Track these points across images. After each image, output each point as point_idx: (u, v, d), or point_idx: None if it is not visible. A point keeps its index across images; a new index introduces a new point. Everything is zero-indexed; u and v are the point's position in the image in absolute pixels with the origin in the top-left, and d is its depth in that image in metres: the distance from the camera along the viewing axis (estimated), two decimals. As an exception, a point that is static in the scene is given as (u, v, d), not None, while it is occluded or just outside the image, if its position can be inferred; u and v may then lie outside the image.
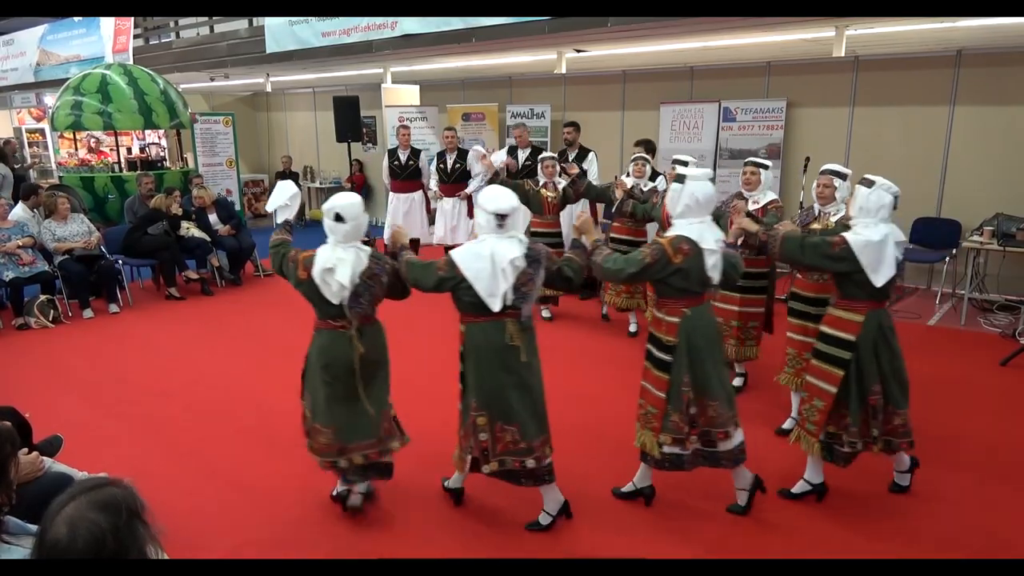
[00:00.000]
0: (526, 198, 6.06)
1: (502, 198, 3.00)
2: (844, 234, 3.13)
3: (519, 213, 3.03)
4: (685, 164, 5.11)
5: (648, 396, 3.16)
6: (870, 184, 3.17)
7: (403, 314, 3.75)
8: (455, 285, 3.00)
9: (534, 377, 3.10)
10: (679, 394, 3.06)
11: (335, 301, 3.09)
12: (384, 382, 3.29)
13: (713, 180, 3.14)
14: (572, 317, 6.40)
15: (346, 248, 3.14)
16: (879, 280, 3.09)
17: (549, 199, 6.04)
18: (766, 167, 4.42)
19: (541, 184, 6.10)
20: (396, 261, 3.28)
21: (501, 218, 2.97)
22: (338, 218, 3.12)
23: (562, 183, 6.09)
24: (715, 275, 3.02)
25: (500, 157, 7.07)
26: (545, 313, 6.39)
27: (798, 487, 3.41)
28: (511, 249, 2.95)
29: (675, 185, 3.11)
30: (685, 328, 3.04)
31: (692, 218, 3.04)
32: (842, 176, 4.02)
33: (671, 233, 3.06)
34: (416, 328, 5.57)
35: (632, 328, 5.96)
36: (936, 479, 3.57)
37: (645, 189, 5.80)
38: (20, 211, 7.12)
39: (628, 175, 5.92)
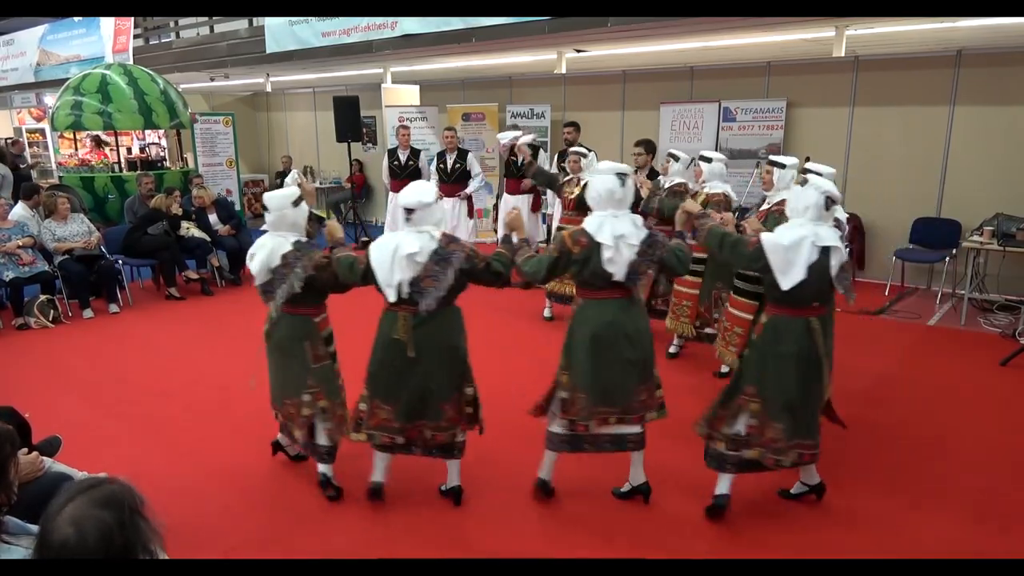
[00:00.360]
0: (559, 192, 6.11)
1: (411, 192, 3.09)
2: (763, 233, 3.06)
3: (433, 209, 3.09)
4: (678, 159, 5.23)
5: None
6: (806, 181, 3.07)
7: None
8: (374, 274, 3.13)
9: (419, 368, 3.15)
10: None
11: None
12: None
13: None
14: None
15: (273, 236, 3.32)
16: (784, 283, 2.91)
17: (567, 195, 5.99)
18: (782, 166, 4.22)
19: (564, 179, 6.09)
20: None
21: (408, 212, 3.08)
22: (264, 208, 3.36)
23: (585, 179, 5.86)
24: (612, 269, 3.01)
25: (507, 136, 6.85)
26: (546, 312, 6.39)
27: (796, 488, 3.41)
28: (414, 243, 3.02)
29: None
30: (575, 319, 3.18)
31: (601, 211, 3.09)
32: (780, 166, 4.16)
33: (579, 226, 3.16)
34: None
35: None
36: (936, 479, 3.57)
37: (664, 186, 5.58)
38: (20, 210, 7.11)
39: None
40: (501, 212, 7.93)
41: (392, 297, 3.08)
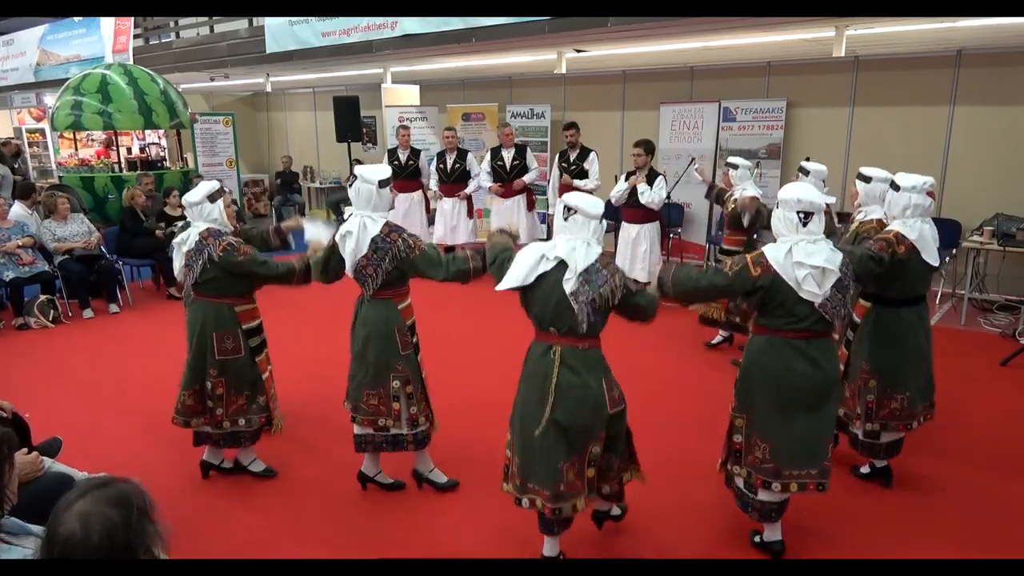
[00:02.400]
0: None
1: (366, 173, 3.23)
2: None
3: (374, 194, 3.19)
4: (736, 167, 5.19)
5: None
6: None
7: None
8: None
9: (371, 352, 3.27)
10: None
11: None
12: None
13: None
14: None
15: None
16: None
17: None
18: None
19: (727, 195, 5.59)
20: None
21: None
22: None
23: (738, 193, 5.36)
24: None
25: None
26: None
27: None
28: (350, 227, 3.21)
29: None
30: None
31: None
32: (734, 167, 4.59)
33: None
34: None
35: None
36: (937, 479, 3.57)
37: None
38: (18, 209, 7.11)
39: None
40: (494, 217, 7.95)
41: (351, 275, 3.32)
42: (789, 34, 5.97)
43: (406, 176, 8.03)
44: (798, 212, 2.69)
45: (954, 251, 6.70)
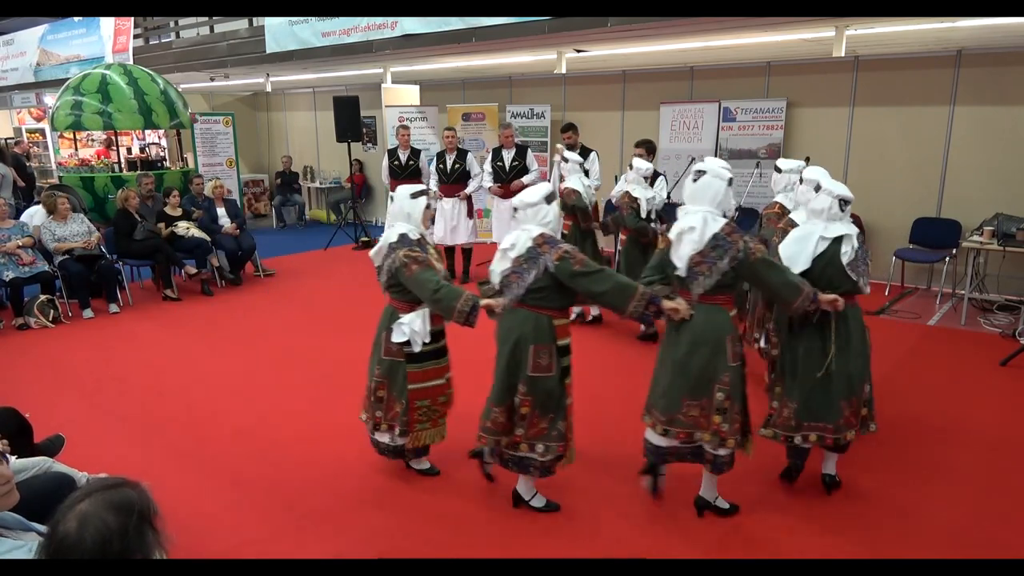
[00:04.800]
0: None
1: (520, 194, 3.23)
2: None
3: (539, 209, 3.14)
4: (780, 171, 4.73)
5: None
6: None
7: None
8: None
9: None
10: None
11: None
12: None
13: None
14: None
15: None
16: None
17: None
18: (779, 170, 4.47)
19: None
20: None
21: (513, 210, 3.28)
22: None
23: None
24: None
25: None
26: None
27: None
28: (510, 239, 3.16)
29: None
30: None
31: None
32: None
33: None
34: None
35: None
36: (936, 479, 3.57)
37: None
38: (36, 210, 7.13)
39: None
40: (494, 217, 7.96)
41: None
42: (789, 34, 5.97)
43: (406, 176, 8.02)
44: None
45: (954, 251, 6.70)
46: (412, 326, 3.30)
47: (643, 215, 5.58)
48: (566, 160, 6.03)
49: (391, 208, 3.48)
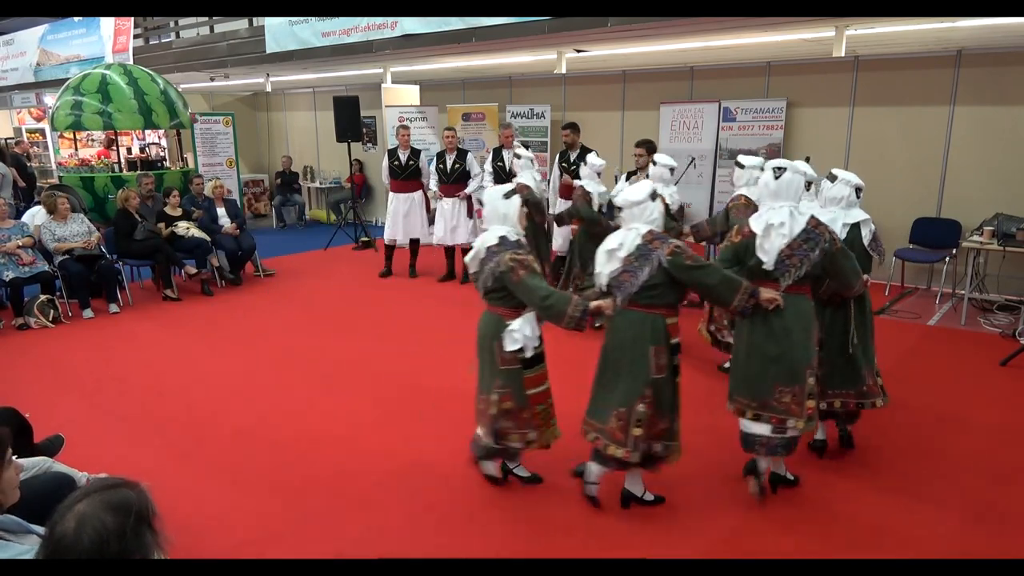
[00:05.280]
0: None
1: (624, 192, 3.20)
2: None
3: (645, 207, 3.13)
4: (742, 166, 4.93)
5: None
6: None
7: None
8: None
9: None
10: None
11: None
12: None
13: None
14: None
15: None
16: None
17: None
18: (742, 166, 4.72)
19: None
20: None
21: (618, 209, 3.27)
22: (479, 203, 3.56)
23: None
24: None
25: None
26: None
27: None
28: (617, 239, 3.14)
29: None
30: None
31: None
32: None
33: None
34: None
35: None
36: (936, 479, 3.57)
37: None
38: (37, 210, 7.12)
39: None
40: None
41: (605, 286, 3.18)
42: (789, 34, 5.97)
43: (406, 176, 8.03)
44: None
45: (954, 251, 6.70)
46: (523, 332, 3.21)
47: (595, 208, 5.81)
48: (519, 156, 6.42)
49: (485, 212, 3.37)
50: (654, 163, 5.69)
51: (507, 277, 3.14)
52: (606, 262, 3.14)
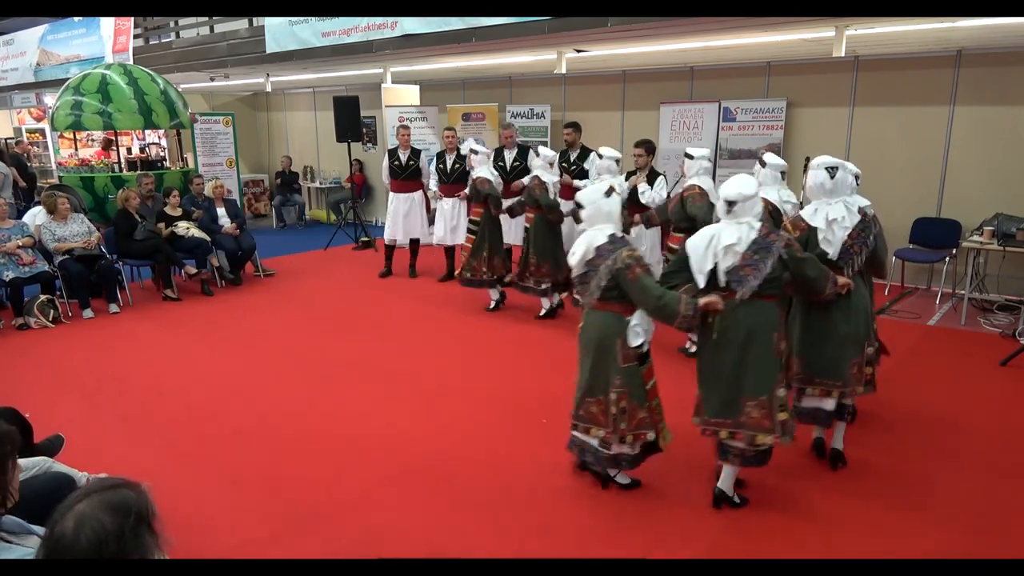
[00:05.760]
0: None
1: (732, 185, 3.19)
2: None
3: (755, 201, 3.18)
4: (691, 157, 5.25)
5: None
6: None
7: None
8: None
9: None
10: None
11: None
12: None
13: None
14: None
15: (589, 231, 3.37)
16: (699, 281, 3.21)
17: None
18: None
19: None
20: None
21: (729, 204, 3.21)
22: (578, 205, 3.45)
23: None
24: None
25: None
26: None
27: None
28: (733, 234, 3.13)
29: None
30: None
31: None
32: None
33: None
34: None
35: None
36: (936, 479, 3.57)
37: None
38: (38, 210, 7.11)
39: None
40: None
41: (701, 283, 3.17)
42: (789, 34, 5.97)
43: (406, 176, 8.03)
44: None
45: (954, 251, 6.70)
46: (644, 326, 3.23)
47: (551, 196, 6.10)
48: (476, 152, 6.67)
49: (587, 212, 3.33)
50: (599, 155, 5.92)
51: (623, 274, 3.14)
52: (724, 257, 3.11)
